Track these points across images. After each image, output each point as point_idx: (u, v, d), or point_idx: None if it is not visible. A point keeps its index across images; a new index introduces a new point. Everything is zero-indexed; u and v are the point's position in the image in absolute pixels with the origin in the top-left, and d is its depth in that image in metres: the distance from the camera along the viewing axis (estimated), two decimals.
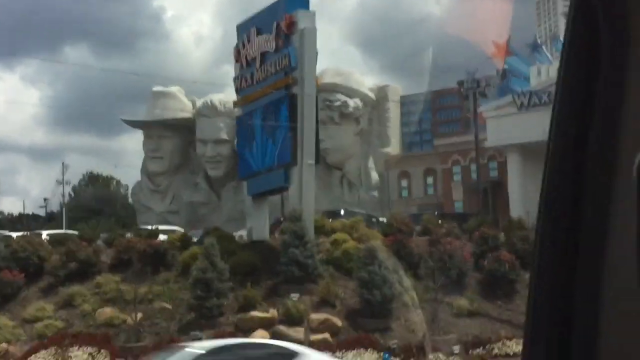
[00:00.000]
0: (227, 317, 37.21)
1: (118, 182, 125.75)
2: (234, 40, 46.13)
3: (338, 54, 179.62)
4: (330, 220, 46.70)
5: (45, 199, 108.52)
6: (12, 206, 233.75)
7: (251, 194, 45.49)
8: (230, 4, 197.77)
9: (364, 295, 36.61)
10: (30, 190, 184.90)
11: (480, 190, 61.55)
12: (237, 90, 46.16)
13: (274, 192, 44.61)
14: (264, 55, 43.18)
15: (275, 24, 42.11)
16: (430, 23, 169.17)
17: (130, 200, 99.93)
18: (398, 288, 37.03)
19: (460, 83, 59.51)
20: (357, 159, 77.84)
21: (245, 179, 46.90)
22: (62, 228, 78.03)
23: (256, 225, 45.18)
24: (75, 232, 53.04)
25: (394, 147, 78.74)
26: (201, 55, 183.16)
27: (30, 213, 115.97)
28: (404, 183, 78.07)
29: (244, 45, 44.75)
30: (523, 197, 62.59)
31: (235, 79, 46.02)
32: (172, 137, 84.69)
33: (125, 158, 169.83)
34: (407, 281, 36.83)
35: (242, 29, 45.37)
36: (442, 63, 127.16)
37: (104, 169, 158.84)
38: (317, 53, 41.47)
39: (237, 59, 45.66)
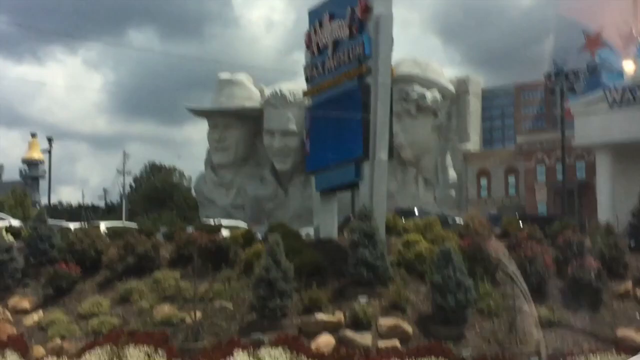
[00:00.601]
0: (290, 319, 37.10)
1: (181, 173, 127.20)
2: (306, 26, 46.17)
3: (417, 43, 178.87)
4: (403, 219, 46.42)
5: (104, 189, 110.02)
6: (70, 196, 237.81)
7: (319, 189, 45.48)
8: None
9: (437, 300, 36.26)
10: (90, 179, 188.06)
11: (565, 192, 60.75)
12: (308, 79, 46.07)
13: (344, 188, 44.43)
14: (336, 43, 43.07)
15: (349, 10, 41.98)
16: (516, 12, 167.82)
17: (193, 193, 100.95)
18: (474, 294, 36.71)
19: (548, 76, 58.78)
20: (434, 154, 77.75)
21: (313, 174, 46.85)
22: (121, 220, 79.21)
23: (324, 223, 45.19)
24: (135, 225, 53.62)
25: (473, 143, 78.44)
26: (271, 42, 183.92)
27: (90, 204, 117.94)
28: (484, 182, 77.37)
29: (315, 32, 44.72)
30: (612, 201, 61.64)
31: (305, 67, 45.96)
32: (238, 127, 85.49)
33: (189, 149, 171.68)
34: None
35: (315, 14, 45.33)
36: (528, 55, 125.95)
37: (166, 160, 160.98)
38: (393, 41, 41.15)
39: (309, 46, 45.61)
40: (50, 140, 79.46)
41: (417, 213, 52.86)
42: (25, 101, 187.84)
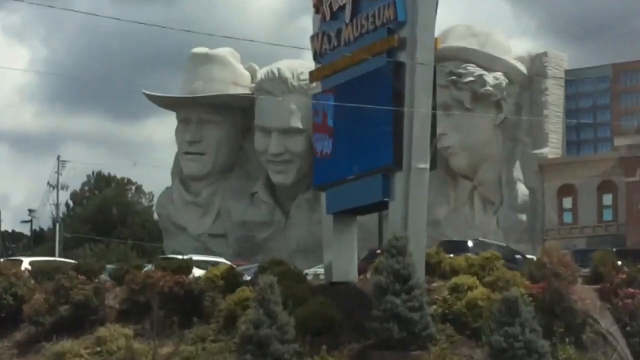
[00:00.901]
0: None
1: (139, 188, 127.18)
2: None
3: (475, 6, 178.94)
4: (452, 255, 46.44)
5: (30, 211, 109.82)
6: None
7: (332, 211, 45.39)
8: None
9: None
10: (11, 195, 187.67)
11: None
12: (316, 55, 46.20)
13: (367, 210, 44.47)
14: (355, 5, 43.23)
15: None
16: None
17: (155, 216, 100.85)
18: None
19: None
20: (497, 163, 77.55)
21: (323, 189, 46.85)
22: (54, 254, 79.33)
23: (338, 259, 45.17)
24: (72, 261, 53.64)
25: (553, 148, 78.24)
26: (268, 4, 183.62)
27: (10, 230, 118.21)
28: (567, 202, 77.22)
29: None
30: None
31: (313, 38, 46.05)
32: (220, 123, 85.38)
33: (152, 154, 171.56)
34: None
35: None
36: (630, 24, 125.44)
37: (118, 169, 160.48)
38: (437, 1, 41.30)
39: (318, 8, 45.77)
40: None
41: (471, 246, 52.68)
42: None
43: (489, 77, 75.75)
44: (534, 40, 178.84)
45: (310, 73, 48.48)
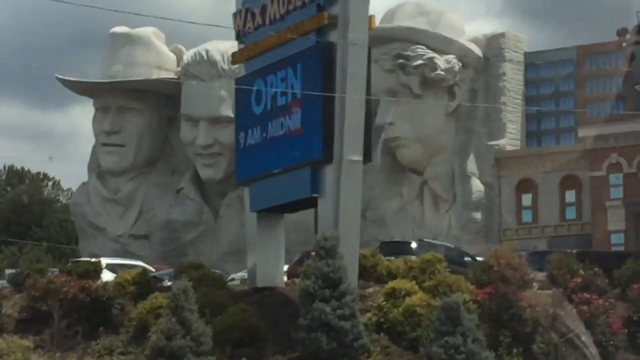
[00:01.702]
0: None
1: (56, 183, 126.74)
2: None
3: None
4: (393, 258, 46.35)
5: None
6: None
7: (256, 209, 45.24)
8: None
9: None
10: None
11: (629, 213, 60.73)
12: (239, 35, 46.08)
13: (295, 207, 44.24)
14: None
15: None
16: None
17: (71, 215, 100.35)
18: None
19: (622, 32, 58.80)
20: (450, 156, 77.54)
21: (246, 184, 46.67)
22: None
23: (263, 262, 44.96)
24: None
25: (511, 139, 78.34)
26: None
27: None
28: (527, 200, 77.24)
29: None
30: None
31: (235, 16, 45.91)
32: (142, 111, 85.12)
33: (76, 145, 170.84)
34: None
35: None
36: (602, 3, 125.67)
37: (33, 163, 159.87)
38: None
39: None
40: None
41: (415, 247, 52.57)
42: None
43: (441, 61, 75.75)
44: (499, 19, 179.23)
45: (233, 54, 48.25)
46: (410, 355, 38.80)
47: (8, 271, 48.70)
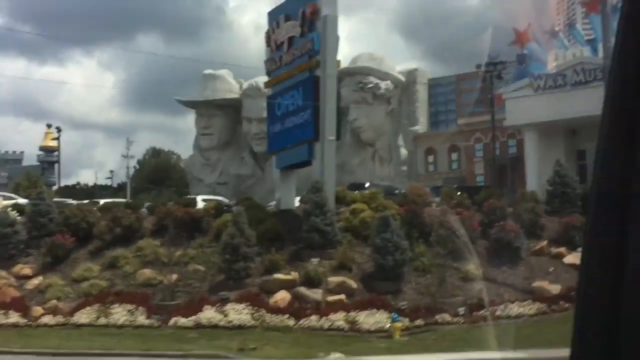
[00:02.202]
0: (253, 279, 36.92)
1: (178, 156, 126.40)
2: None
3: (383, 41, 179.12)
4: (357, 192, 46.02)
5: (111, 171, 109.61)
6: (90, 177, 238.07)
7: (279, 167, 45.21)
8: None
9: (378, 260, 36.09)
10: (106, 163, 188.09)
11: (496, 166, 60.55)
12: (268, 72, 45.76)
13: (299, 165, 44.01)
14: (291, 40, 42.68)
15: (301, 11, 41.55)
16: (463, 14, 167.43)
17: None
18: (409, 254, 36.55)
19: (479, 66, 58.36)
20: (388, 136, 77.17)
21: (274, 154, 46.48)
22: (126, 198, 78.52)
23: (284, 195, 44.83)
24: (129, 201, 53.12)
25: (421, 126, 77.93)
26: (259, 43, 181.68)
27: (103, 184, 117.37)
28: (431, 159, 76.88)
29: (273, 31, 44.26)
30: (539, 173, 61.45)
31: (266, 62, 45.61)
32: (221, 116, 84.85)
33: (190, 136, 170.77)
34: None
35: (272, 15, 44.91)
36: (470, 49, 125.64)
37: (167, 145, 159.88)
38: (338, 38, 40.85)
39: (268, 43, 45.21)
40: (59, 130, 78.98)
41: (367, 186, 52.38)
42: (49, 98, 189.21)
43: (382, 84, 75.33)
44: (420, 61, 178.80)
45: (264, 83, 48.12)
46: (363, 245, 38.49)
47: (147, 204, 48.22)
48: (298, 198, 46.39)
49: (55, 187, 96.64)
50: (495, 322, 33.79)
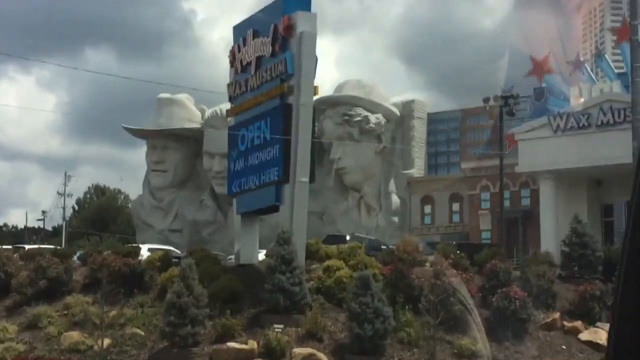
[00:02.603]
0: (202, 347, 36.67)
1: (126, 196, 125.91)
2: None
3: (380, 67, 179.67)
4: (337, 246, 45.77)
5: (43, 212, 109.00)
6: (19, 219, 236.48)
7: (240, 212, 44.96)
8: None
9: (354, 329, 35.90)
10: (41, 201, 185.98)
11: (503, 220, 60.41)
12: (231, 98, 45.80)
13: (265, 211, 43.80)
14: (259, 60, 42.72)
15: (272, 26, 41.58)
16: (474, 39, 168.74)
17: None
18: (393, 323, 36.36)
19: (487, 100, 58.30)
20: (377, 180, 76.95)
21: (234, 196, 46.31)
22: (61, 244, 78.00)
23: (245, 247, 44.55)
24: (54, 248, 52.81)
25: (417, 169, 77.88)
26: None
27: (35, 226, 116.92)
28: (427, 209, 76.77)
29: (239, 49, 44.33)
30: (556, 229, 61.46)
31: (229, 85, 45.62)
32: (178, 148, 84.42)
33: (140, 172, 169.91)
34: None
35: (239, 30, 44.96)
36: (480, 79, 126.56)
37: (114, 183, 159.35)
38: (316, 60, 40.77)
39: (232, 63, 45.21)
40: None
41: (348, 239, 52.11)
42: None
43: (372, 117, 75.14)
44: (420, 91, 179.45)
45: (227, 111, 48.03)
46: (338, 309, 38.36)
47: (78, 252, 47.81)
48: (263, 252, 46.06)
49: None
50: None
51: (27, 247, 53.34)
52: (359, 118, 74.85)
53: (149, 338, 37.82)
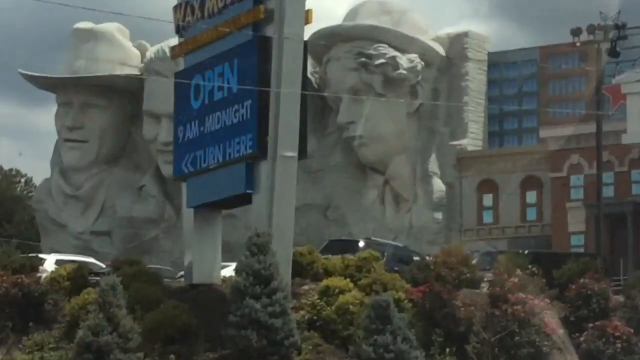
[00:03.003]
0: None
1: (28, 180, 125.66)
2: None
3: None
4: (343, 256, 45.66)
5: None
6: None
7: (192, 205, 44.80)
8: None
9: None
10: None
11: (602, 218, 60.15)
12: (179, 29, 45.64)
13: (231, 203, 43.73)
14: None
15: None
16: None
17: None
18: None
19: (577, 32, 58.18)
20: (411, 156, 76.82)
21: (184, 179, 46.19)
22: None
23: (199, 258, 44.40)
24: None
25: (473, 139, 77.62)
26: None
27: None
28: (488, 200, 76.50)
29: None
30: None
31: (175, 9, 45.41)
32: (105, 107, 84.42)
33: (49, 142, 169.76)
34: None
35: None
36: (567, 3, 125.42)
37: (11, 161, 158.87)
38: None
39: None
40: None
41: (362, 246, 51.99)
42: None
43: (403, 60, 74.86)
44: (479, 22, 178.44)
45: (172, 48, 47.89)
46: (342, 353, 38.33)
47: None
48: (232, 265, 45.75)
49: None
50: None
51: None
52: (382, 60, 74.60)
53: None
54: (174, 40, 78.86)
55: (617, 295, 42.36)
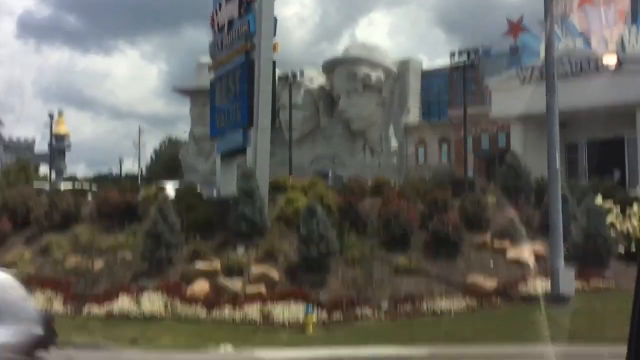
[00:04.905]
0: (175, 268, 35.57)
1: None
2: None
3: (424, 37, 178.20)
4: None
5: (120, 159, 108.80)
6: (132, 166, 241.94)
7: (219, 151, 43.75)
8: None
9: (302, 250, 34.46)
10: (148, 153, 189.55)
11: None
12: (212, 56, 44.28)
13: (237, 152, 42.33)
14: (230, 22, 41.13)
15: None
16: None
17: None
18: (336, 245, 34.84)
19: (452, 55, 56.08)
20: (379, 127, 75.14)
21: (214, 139, 45.09)
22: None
23: (225, 183, 43.23)
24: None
25: (413, 117, 75.68)
26: (302, 35, 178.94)
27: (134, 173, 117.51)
28: (421, 150, 74.47)
29: (217, 13, 42.77)
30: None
31: (211, 45, 44.05)
32: None
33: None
34: None
35: None
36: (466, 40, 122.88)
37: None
38: (275, 20, 38.89)
39: (212, 26, 43.67)
40: (51, 117, 78.45)
41: (330, 176, 50.64)
42: (93, 87, 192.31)
43: (373, 74, 73.36)
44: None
45: (208, 66, 46.65)
46: (294, 233, 36.76)
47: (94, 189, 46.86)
48: None
49: (65, 175, 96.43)
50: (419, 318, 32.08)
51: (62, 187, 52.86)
52: (362, 75, 73.08)
53: (134, 261, 36.71)
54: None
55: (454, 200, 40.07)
